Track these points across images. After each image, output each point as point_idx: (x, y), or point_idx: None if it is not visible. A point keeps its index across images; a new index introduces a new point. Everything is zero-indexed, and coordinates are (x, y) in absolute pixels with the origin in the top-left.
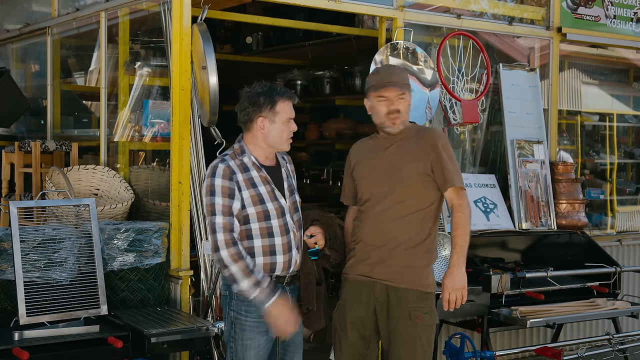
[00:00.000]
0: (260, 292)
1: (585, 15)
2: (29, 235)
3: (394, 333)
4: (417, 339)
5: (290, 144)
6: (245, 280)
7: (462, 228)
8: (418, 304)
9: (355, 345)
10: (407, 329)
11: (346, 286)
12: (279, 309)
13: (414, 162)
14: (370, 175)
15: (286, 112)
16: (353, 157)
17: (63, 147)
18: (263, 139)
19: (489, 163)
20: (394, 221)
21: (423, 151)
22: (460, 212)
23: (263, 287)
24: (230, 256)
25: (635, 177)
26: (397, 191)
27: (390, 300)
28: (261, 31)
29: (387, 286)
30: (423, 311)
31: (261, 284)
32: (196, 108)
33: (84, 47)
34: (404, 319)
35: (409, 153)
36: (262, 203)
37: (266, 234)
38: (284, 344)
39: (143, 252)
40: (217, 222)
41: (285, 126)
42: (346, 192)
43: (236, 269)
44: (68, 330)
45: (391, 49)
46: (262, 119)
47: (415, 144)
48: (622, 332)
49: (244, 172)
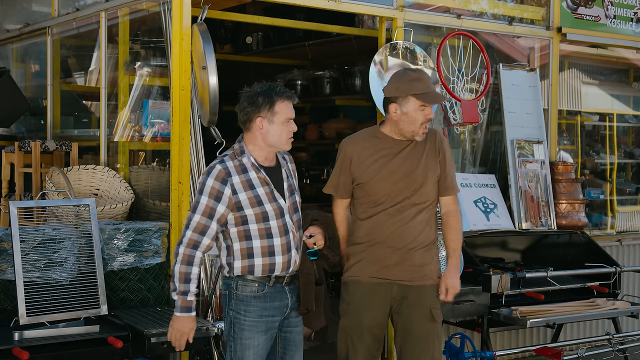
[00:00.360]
0: (179, 300)
1: (585, 15)
2: (29, 235)
3: (416, 332)
4: (436, 335)
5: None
6: (177, 284)
7: (458, 233)
8: (435, 301)
9: (370, 349)
10: (429, 327)
11: (358, 289)
12: (181, 324)
13: (432, 166)
14: (388, 178)
15: (285, 112)
16: (351, 153)
17: (63, 147)
18: (262, 139)
19: (489, 163)
20: (413, 223)
21: (434, 154)
22: (455, 218)
23: (185, 298)
24: (183, 256)
25: (635, 177)
26: (416, 194)
27: (409, 300)
28: (261, 31)
29: (405, 286)
30: (438, 308)
31: (184, 295)
32: (196, 108)
33: (84, 47)
34: (424, 317)
35: (426, 156)
36: (260, 204)
37: (265, 235)
38: (285, 343)
39: (143, 252)
40: (193, 220)
41: (284, 126)
42: (339, 187)
43: (178, 269)
44: (68, 330)
45: (390, 49)
46: (260, 119)
47: (426, 146)
48: (622, 332)
49: (242, 174)
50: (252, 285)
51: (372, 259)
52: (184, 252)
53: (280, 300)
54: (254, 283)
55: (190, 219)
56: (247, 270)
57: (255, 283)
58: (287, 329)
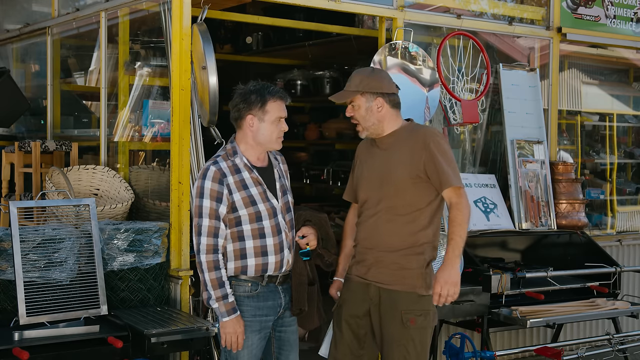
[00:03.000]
0: (221, 306)
1: (585, 15)
2: (29, 235)
3: (387, 335)
4: (410, 341)
5: (290, 144)
6: (213, 291)
7: (458, 225)
8: (411, 306)
9: (349, 344)
10: (399, 332)
11: (346, 285)
12: (232, 326)
13: (405, 165)
14: (366, 178)
15: (276, 111)
16: (357, 155)
17: (63, 147)
18: (252, 137)
19: (489, 163)
20: (386, 224)
21: (415, 152)
22: (457, 209)
23: (226, 301)
24: (207, 263)
25: (635, 177)
26: (388, 195)
27: (382, 303)
28: (261, 31)
29: (380, 288)
30: (416, 314)
31: (225, 299)
32: (196, 108)
33: (84, 47)
34: (396, 321)
35: (400, 155)
36: (254, 204)
37: (258, 235)
38: (279, 343)
39: (143, 252)
40: (203, 225)
41: (275, 126)
42: (348, 190)
43: (208, 277)
44: (68, 330)
45: (389, 49)
46: (251, 116)
47: (407, 145)
48: (622, 332)
49: (235, 174)
50: (245, 285)
51: (357, 258)
52: (207, 259)
53: (273, 300)
54: (247, 283)
55: (199, 224)
56: (240, 270)
57: (248, 283)
58: (281, 329)
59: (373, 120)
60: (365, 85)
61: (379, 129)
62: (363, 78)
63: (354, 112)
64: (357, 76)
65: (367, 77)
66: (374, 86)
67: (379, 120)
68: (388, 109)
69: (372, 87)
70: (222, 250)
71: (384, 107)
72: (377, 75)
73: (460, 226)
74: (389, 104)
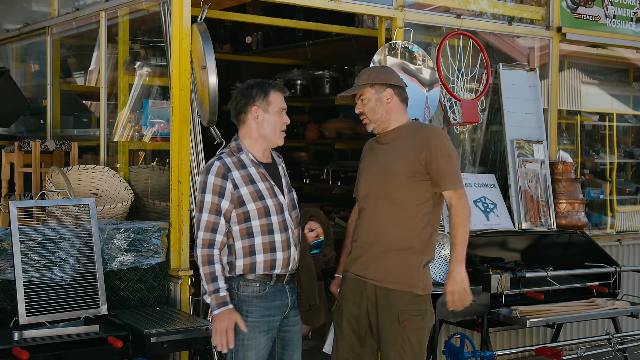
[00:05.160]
0: (213, 299)
1: (585, 15)
2: (29, 235)
3: (384, 334)
4: (407, 341)
5: (290, 144)
6: (206, 285)
7: (459, 229)
8: (407, 306)
9: (350, 343)
10: (396, 331)
11: (344, 284)
12: (221, 319)
13: (404, 161)
14: (367, 173)
15: (279, 103)
16: (362, 155)
17: (63, 147)
18: (257, 131)
19: (489, 163)
20: (386, 220)
21: (415, 149)
22: (457, 213)
23: (217, 296)
24: (202, 257)
25: (635, 177)
26: (388, 190)
27: (379, 302)
28: (261, 31)
29: (377, 287)
30: (413, 314)
31: (216, 293)
32: (196, 108)
33: (84, 47)
34: (392, 321)
35: (401, 151)
36: (262, 199)
37: (267, 231)
38: (283, 343)
39: (143, 252)
40: (203, 220)
41: (279, 117)
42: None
43: (202, 272)
44: (68, 330)
45: (390, 49)
46: (256, 108)
47: (409, 142)
48: (622, 332)
49: (241, 169)
50: (254, 285)
51: (354, 255)
52: (202, 253)
53: (281, 300)
54: (255, 283)
55: (199, 219)
56: (249, 268)
57: (256, 283)
58: (285, 329)
59: (382, 112)
60: (374, 77)
61: (386, 122)
62: (372, 72)
63: (363, 107)
64: (366, 72)
65: (376, 72)
66: (384, 78)
67: (388, 112)
68: (397, 102)
69: (381, 79)
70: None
71: (394, 99)
72: (387, 70)
73: (461, 229)
74: (398, 97)
